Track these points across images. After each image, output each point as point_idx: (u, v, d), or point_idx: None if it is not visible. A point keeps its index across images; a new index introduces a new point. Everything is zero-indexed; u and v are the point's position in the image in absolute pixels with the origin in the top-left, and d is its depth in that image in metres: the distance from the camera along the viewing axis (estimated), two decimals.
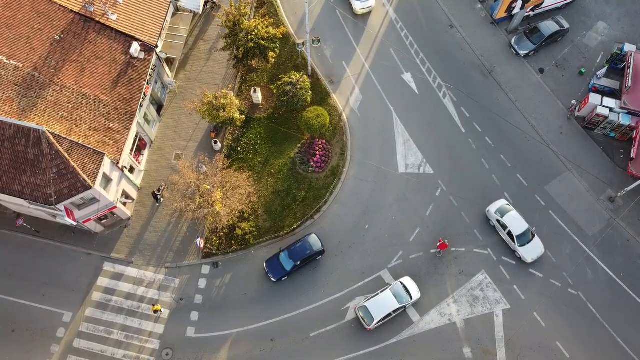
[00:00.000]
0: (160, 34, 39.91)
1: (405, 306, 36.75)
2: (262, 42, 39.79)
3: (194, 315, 37.41)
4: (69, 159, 32.77)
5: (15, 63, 34.96)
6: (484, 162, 41.58)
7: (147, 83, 38.79)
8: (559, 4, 45.86)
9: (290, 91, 39.64)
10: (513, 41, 44.97)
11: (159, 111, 42.85)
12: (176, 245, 39.09)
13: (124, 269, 38.43)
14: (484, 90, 43.93)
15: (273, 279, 37.44)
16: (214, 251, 39.01)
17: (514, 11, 44.31)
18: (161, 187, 40.08)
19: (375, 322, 35.82)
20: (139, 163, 40.44)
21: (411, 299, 36.74)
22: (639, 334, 37.06)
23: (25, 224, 37.83)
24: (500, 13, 44.78)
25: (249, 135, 41.98)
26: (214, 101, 38.41)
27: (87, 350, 36.39)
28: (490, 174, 41.24)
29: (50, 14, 36.79)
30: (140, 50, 38.12)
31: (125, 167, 37.54)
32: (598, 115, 40.80)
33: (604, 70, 42.76)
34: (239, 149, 41.59)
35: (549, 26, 44.40)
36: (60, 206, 33.65)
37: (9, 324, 36.71)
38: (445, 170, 41.35)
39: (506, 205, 39.30)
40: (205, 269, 38.68)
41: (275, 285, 38.01)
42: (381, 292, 36.70)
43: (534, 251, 38.30)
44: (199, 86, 43.42)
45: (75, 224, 35.33)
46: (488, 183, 40.96)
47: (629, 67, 41.52)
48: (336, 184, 40.90)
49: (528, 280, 38.38)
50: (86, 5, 37.65)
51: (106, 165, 34.69)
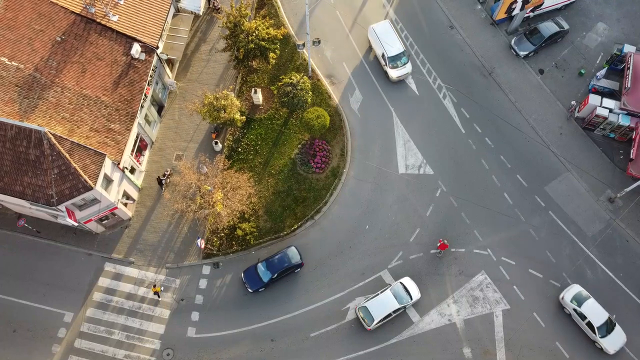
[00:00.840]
0: (161, 35, 40.01)
1: (405, 306, 36.85)
2: (263, 43, 39.91)
3: (195, 316, 37.52)
4: (70, 159, 32.87)
5: (17, 64, 35.07)
6: (483, 163, 41.68)
7: (148, 84, 38.88)
8: (559, 5, 45.93)
9: (290, 92, 39.74)
10: (513, 42, 45.05)
11: (159, 112, 42.96)
12: (177, 246, 39.20)
13: (124, 270, 38.53)
14: (484, 91, 44.03)
15: (250, 290, 37.29)
16: (215, 252, 39.12)
17: (514, 12, 44.39)
18: (166, 173, 40.13)
19: (375, 323, 35.92)
20: (140, 164, 40.55)
21: (411, 299, 36.83)
22: (638, 335, 37.14)
23: (26, 225, 37.93)
24: (500, 14, 44.87)
25: (249, 136, 42.09)
26: (215, 102, 38.51)
27: (88, 350, 36.49)
28: (490, 175, 41.33)
29: (52, 15, 36.90)
30: (141, 52, 38.22)
31: (126, 168, 37.65)
32: (598, 116, 40.87)
33: (603, 71, 42.85)
34: (240, 149, 41.70)
35: (548, 27, 44.48)
36: (62, 207, 33.76)
37: (10, 324, 36.83)
38: (445, 171, 41.44)
39: (582, 291, 36.95)
40: (206, 270, 38.78)
41: (276, 285, 38.08)
42: (381, 293, 36.79)
43: (616, 341, 35.92)
44: (199, 87, 43.52)
45: (76, 224, 35.44)
46: (488, 183, 41.06)
47: (629, 68, 41.58)
48: (336, 184, 41.00)
49: (528, 280, 38.45)
50: (87, 7, 37.76)
51: (107, 166, 34.80)
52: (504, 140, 42.40)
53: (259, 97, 42.69)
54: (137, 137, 39.33)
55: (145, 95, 38.59)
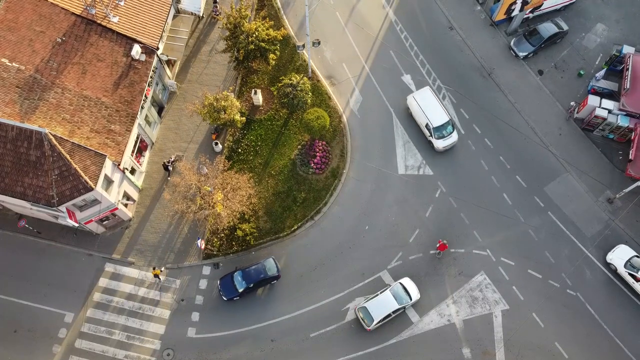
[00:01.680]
0: (161, 36, 40.12)
1: (404, 307, 36.94)
2: (263, 44, 40.00)
3: (195, 316, 37.62)
4: (71, 160, 32.98)
5: (18, 65, 35.18)
6: (483, 164, 41.76)
7: (148, 85, 38.98)
8: (558, 6, 46.01)
9: (290, 93, 39.82)
10: (512, 43, 45.13)
11: (159, 113, 43.06)
12: (177, 246, 39.30)
13: (125, 270, 38.64)
14: (483, 91, 44.10)
15: (224, 298, 37.15)
16: (215, 252, 39.22)
17: (513, 13, 44.49)
18: (171, 159, 40.20)
19: (375, 323, 36.01)
20: (140, 164, 40.65)
21: (411, 299, 36.92)
22: (637, 335, 37.21)
23: (27, 225, 38.04)
24: (500, 15, 44.97)
25: (249, 137, 42.19)
26: (215, 103, 38.60)
27: (89, 350, 36.60)
28: (489, 175, 41.41)
29: (52, 16, 37.01)
30: (142, 53, 38.32)
31: (127, 169, 37.75)
32: (597, 116, 40.94)
33: (602, 72, 42.93)
34: (240, 150, 41.80)
35: (548, 28, 44.54)
36: (62, 207, 33.87)
37: (11, 325, 36.95)
38: (444, 172, 41.53)
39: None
40: (206, 270, 38.88)
41: (276, 286, 38.21)
42: (381, 293, 36.87)
43: None
44: (199, 88, 43.61)
45: (76, 225, 35.54)
46: (487, 184, 41.14)
47: (628, 69, 41.62)
48: (336, 185, 41.10)
49: (527, 281, 38.54)
50: (88, 8, 37.87)
51: (107, 167, 34.90)
52: (503, 141, 42.49)
53: (259, 98, 42.79)
54: (138, 138, 39.43)
55: (145, 96, 38.69)
